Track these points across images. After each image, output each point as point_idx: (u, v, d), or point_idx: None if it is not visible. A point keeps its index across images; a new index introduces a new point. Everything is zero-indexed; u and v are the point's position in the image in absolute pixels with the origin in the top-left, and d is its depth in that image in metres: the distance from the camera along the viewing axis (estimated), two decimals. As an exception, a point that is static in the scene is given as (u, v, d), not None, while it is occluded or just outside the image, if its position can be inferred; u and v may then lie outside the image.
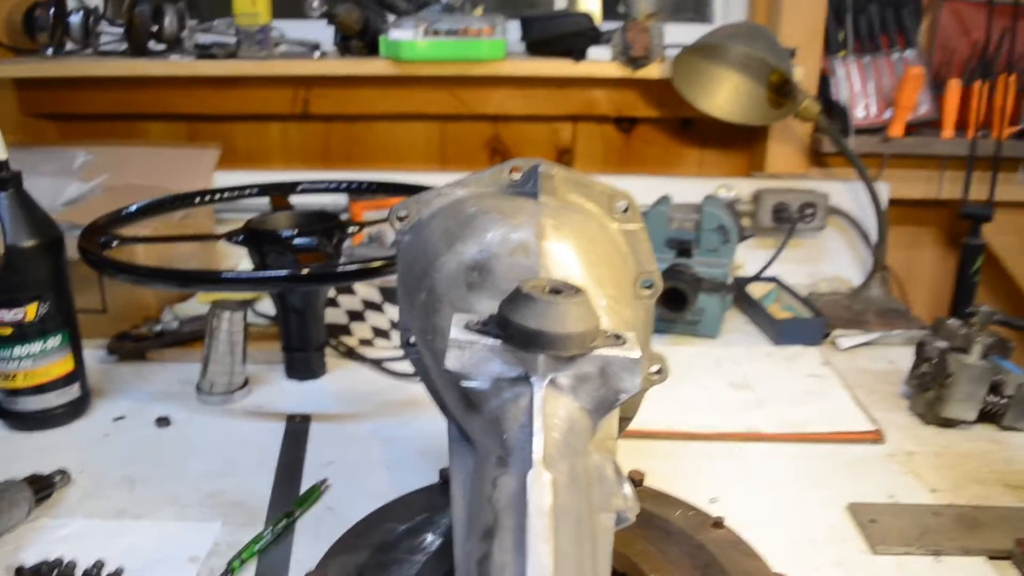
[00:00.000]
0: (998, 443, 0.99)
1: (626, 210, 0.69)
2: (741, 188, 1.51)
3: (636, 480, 0.80)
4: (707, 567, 0.68)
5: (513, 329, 0.53)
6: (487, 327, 0.55)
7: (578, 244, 0.62)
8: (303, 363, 1.10)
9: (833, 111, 1.57)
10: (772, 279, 1.44)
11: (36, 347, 0.95)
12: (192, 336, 1.17)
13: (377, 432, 0.97)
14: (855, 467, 0.92)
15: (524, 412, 0.53)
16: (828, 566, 0.75)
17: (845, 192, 1.55)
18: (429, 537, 0.70)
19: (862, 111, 1.59)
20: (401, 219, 0.69)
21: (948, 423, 1.01)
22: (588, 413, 0.55)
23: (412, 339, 0.73)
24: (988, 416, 1.01)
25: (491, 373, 0.54)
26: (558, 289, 0.54)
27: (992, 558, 0.77)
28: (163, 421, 0.99)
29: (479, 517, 0.49)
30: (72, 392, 0.99)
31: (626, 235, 0.69)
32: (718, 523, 0.74)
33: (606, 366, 0.54)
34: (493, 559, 0.44)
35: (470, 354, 0.54)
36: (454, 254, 0.62)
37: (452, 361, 0.54)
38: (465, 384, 0.55)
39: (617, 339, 0.56)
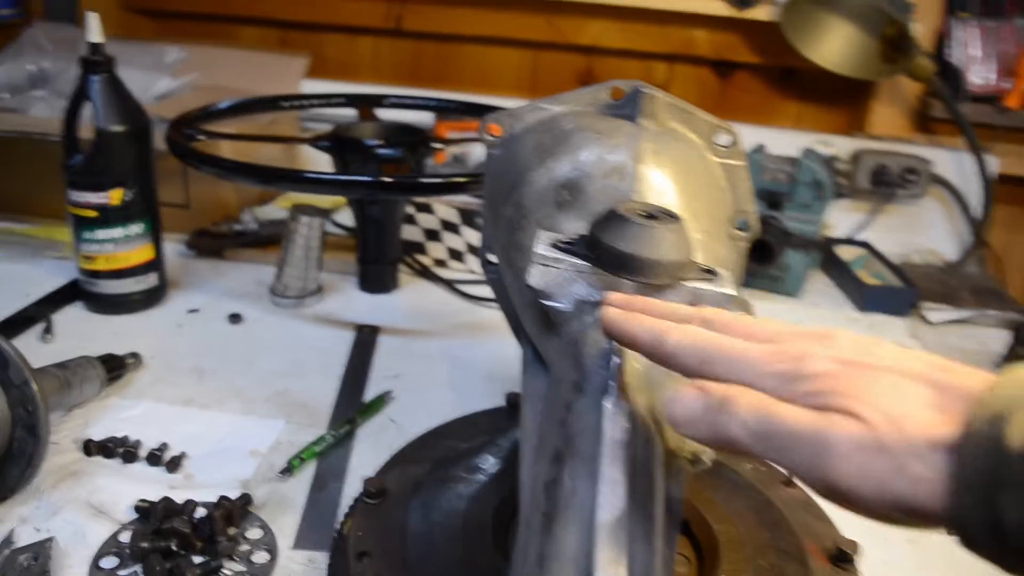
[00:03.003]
0: (1090, 436, 0.93)
1: (729, 144, 0.65)
2: (840, 146, 1.44)
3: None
4: (774, 525, 0.65)
5: (603, 250, 0.51)
6: (574, 246, 0.53)
7: (676, 172, 0.59)
8: (376, 276, 1.10)
9: (946, 75, 1.47)
10: (863, 244, 1.38)
11: (118, 232, 0.96)
12: (269, 239, 1.18)
13: (445, 351, 0.96)
14: (934, 443, 0.88)
15: (606, 338, 0.51)
16: (901, 541, 0.72)
17: (950, 161, 1.47)
18: (490, 459, 0.69)
19: (978, 78, 1.49)
20: (493, 132, 0.67)
21: (1038, 410, 0.96)
22: (672, 348, 0.53)
23: (492, 257, 0.72)
24: (1083, 407, 0.96)
25: (574, 294, 0.52)
26: (654, 214, 0.51)
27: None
28: (235, 317, 0.99)
29: (550, 441, 0.47)
30: (150, 280, 1.00)
31: (726, 170, 0.65)
32: (788, 481, 0.72)
33: (697, 300, 0.51)
34: (563, 483, 0.43)
35: (555, 273, 0.52)
36: (546, 170, 0.60)
37: (535, 278, 0.52)
38: (546, 304, 0.53)
39: (711, 274, 0.53)
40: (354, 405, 0.83)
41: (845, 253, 1.34)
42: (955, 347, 1.12)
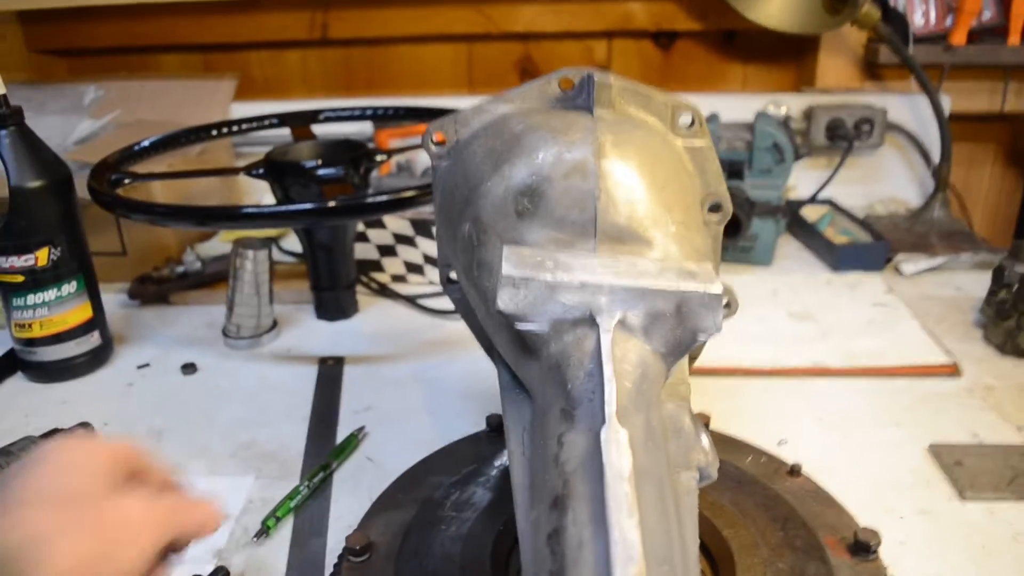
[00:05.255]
0: (1085, 373, 0.91)
1: (692, 124, 0.61)
2: (791, 104, 1.41)
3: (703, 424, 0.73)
4: (787, 520, 0.62)
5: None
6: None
7: (642, 164, 0.54)
8: (333, 302, 1.04)
9: (890, 18, 1.44)
10: (826, 201, 1.35)
11: (51, 294, 0.89)
12: (216, 277, 1.11)
13: (416, 374, 0.91)
14: (932, 403, 0.85)
15: (590, 357, 0.46)
16: (914, 514, 0.69)
17: (903, 107, 1.44)
18: (478, 491, 0.65)
19: (921, 18, 1.46)
20: (437, 142, 0.62)
21: (1029, 353, 0.94)
22: (662, 357, 0.48)
23: (453, 275, 0.67)
24: (1073, 344, 0.93)
25: (550, 313, 0.47)
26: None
27: (1093, 501, 0.70)
28: (189, 368, 0.93)
29: (545, 482, 0.42)
30: (92, 340, 0.93)
31: (691, 152, 0.61)
32: (794, 470, 0.68)
33: (683, 303, 0.47)
34: (567, 534, 0.38)
35: (526, 292, 0.47)
36: (501, 178, 0.55)
37: (505, 301, 0.47)
38: (521, 327, 0.48)
39: (694, 273, 0.48)
40: (326, 447, 0.78)
41: (810, 213, 1.31)
42: (932, 296, 1.09)
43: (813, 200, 1.34)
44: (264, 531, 0.66)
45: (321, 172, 0.92)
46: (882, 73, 1.49)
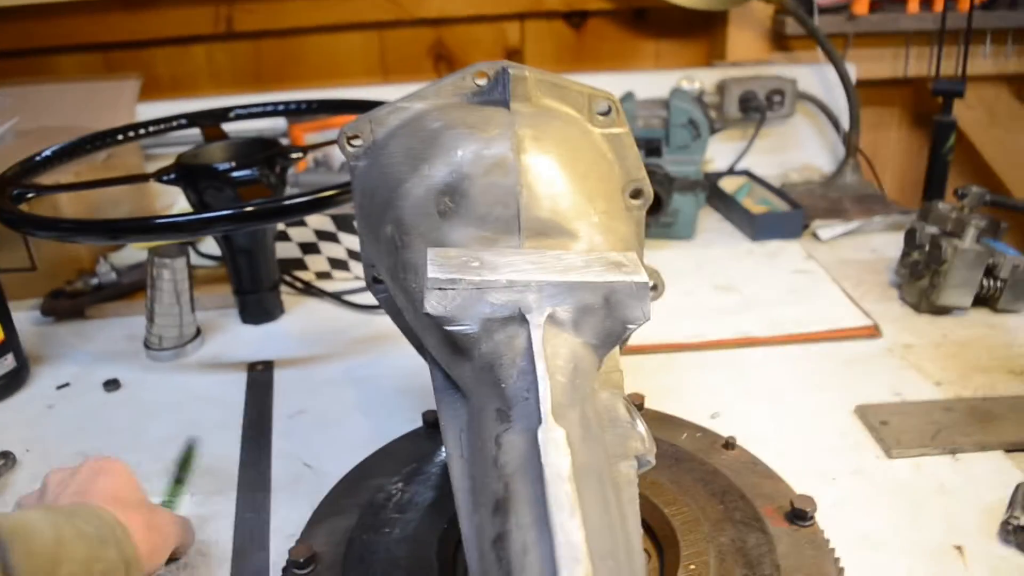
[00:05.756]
0: (995, 327, 0.95)
1: (608, 112, 0.61)
2: (704, 79, 1.42)
3: (638, 405, 0.74)
4: (725, 494, 0.63)
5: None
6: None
7: (562, 156, 0.54)
8: (257, 305, 1.02)
9: (794, -11, 1.48)
10: (743, 172, 1.37)
11: (-43, 318, 0.85)
12: (133, 287, 1.08)
13: (348, 373, 0.90)
14: (855, 365, 0.88)
15: (522, 355, 0.46)
16: (846, 475, 0.71)
17: (811, 76, 1.48)
18: (420, 490, 0.64)
19: (824, -12, 1.50)
20: (353, 142, 0.61)
21: (943, 310, 0.97)
22: (593, 348, 0.49)
23: (379, 275, 0.66)
24: (982, 300, 0.98)
25: (480, 314, 0.47)
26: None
27: (1009, 451, 0.73)
28: (112, 384, 0.90)
29: (485, 485, 0.42)
30: (6, 364, 0.89)
31: (609, 140, 0.61)
32: (729, 443, 0.69)
33: (610, 294, 0.47)
34: (511, 539, 0.38)
35: (453, 295, 0.46)
36: (421, 178, 0.54)
37: (433, 305, 0.46)
38: (450, 328, 0.47)
39: (620, 263, 0.49)
40: (262, 457, 0.76)
41: (728, 185, 1.33)
42: (849, 259, 1.13)
43: (731, 172, 1.36)
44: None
45: (235, 175, 0.90)
46: (790, 44, 1.53)
